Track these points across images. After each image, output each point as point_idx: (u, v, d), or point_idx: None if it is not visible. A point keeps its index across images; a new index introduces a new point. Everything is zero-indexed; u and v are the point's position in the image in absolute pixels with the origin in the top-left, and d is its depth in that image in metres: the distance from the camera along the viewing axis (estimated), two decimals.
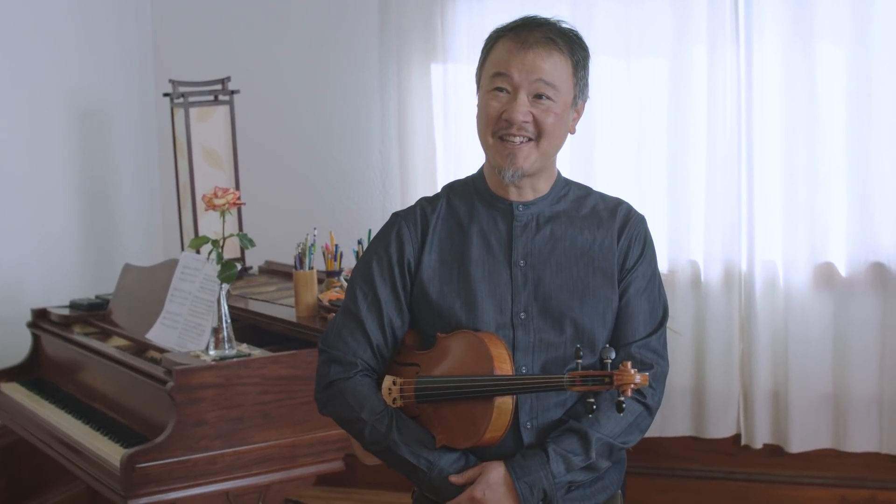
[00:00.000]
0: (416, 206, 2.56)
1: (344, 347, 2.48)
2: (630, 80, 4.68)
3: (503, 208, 2.48)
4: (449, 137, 4.88)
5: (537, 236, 2.46)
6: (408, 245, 2.49)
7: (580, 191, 2.55)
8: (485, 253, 2.46)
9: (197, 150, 4.77)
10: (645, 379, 2.18)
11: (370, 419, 2.41)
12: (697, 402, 4.67)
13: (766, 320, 4.51)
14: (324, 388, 2.49)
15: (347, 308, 2.52)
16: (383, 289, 2.48)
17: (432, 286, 2.46)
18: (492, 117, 2.40)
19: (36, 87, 4.81)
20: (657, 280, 2.54)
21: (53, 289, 4.80)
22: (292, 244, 4.01)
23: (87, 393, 4.01)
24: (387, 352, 2.51)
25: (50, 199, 4.90)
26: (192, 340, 3.69)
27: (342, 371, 2.46)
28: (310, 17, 5.27)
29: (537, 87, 2.37)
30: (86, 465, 3.57)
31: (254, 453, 3.43)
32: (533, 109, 2.37)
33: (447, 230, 2.50)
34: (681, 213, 4.62)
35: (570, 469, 2.35)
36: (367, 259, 2.54)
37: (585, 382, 2.21)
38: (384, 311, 2.48)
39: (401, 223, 2.53)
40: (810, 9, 4.35)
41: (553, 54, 2.38)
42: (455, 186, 2.59)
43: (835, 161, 4.42)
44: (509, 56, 2.38)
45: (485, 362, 2.32)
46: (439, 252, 2.48)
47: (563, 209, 2.50)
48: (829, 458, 4.55)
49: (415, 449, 2.38)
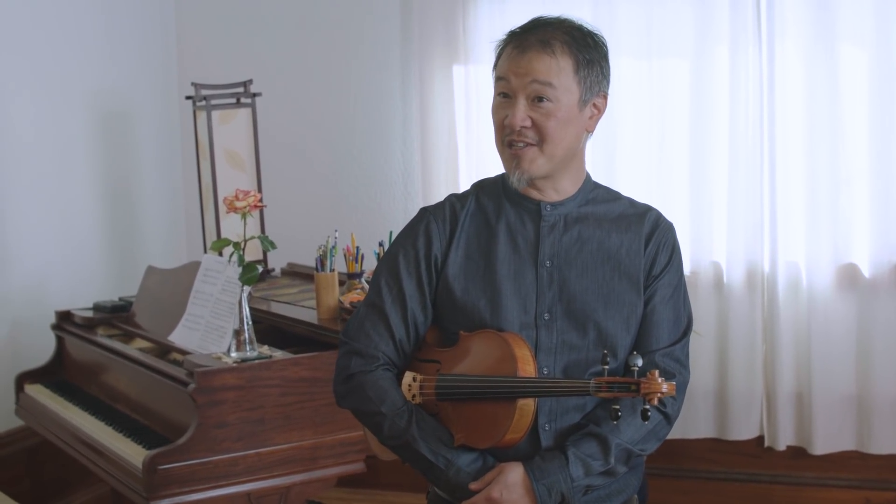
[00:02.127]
0: (446, 202, 2.55)
1: (366, 340, 2.47)
2: (652, 81, 4.67)
3: (531, 208, 2.47)
4: (471, 139, 4.88)
5: (564, 237, 2.45)
6: (436, 240, 2.48)
7: (609, 194, 2.54)
8: (511, 252, 2.45)
9: (219, 152, 4.79)
10: (672, 388, 2.18)
11: (390, 413, 2.40)
12: (720, 403, 4.65)
13: (788, 321, 4.49)
14: (344, 381, 2.48)
15: (371, 301, 2.51)
16: (408, 283, 2.47)
17: (457, 283, 2.45)
18: (497, 124, 2.41)
19: (59, 90, 4.83)
20: (683, 289, 2.52)
21: (77, 291, 4.82)
22: (314, 246, 4.01)
23: (110, 394, 4.03)
24: (409, 347, 2.50)
25: (73, 202, 4.92)
26: (213, 342, 3.70)
27: (363, 364, 2.45)
28: (332, 20, 5.28)
29: (533, 89, 2.35)
30: (108, 466, 3.59)
31: (275, 455, 3.44)
32: (532, 114, 2.36)
33: (475, 227, 2.50)
34: (703, 215, 4.60)
35: (589, 473, 2.34)
36: (393, 252, 2.53)
37: (612, 389, 2.21)
38: (408, 305, 2.47)
39: (429, 218, 2.52)
40: (833, 10, 4.33)
41: (548, 54, 2.36)
42: (484, 184, 2.58)
43: (857, 161, 4.40)
44: (509, 61, 2.39)
45: (509, 363, 2.31)
46: (466, 249, 2.48)
47: (592, 211, 2.48)
48: (853, 459, 4.52)
49: (433, 446, 2.37)
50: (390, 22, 5.17)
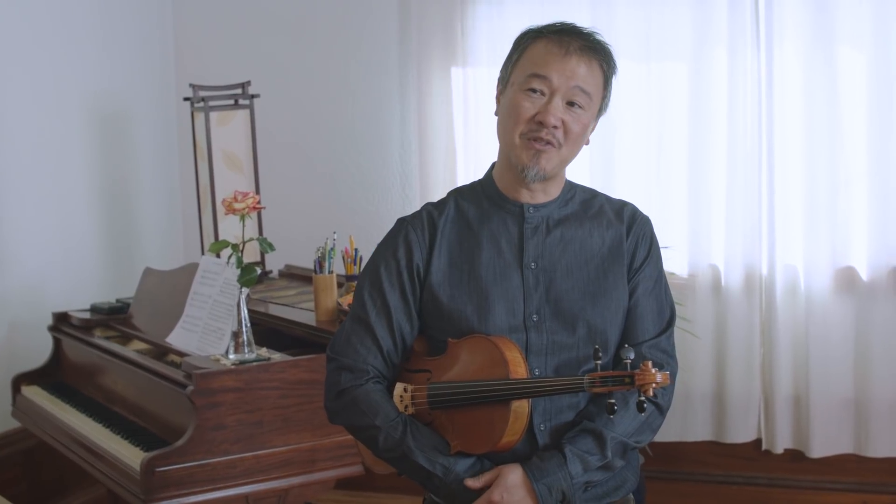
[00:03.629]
0: (423, 211, 2.55)
1: (354, 354, 2.46)
2: (650, 83, 4.67)
3: (514, 210, 2.47)
4: (469, 141, 4.87)
5: (548, 238, 2.45)
6: (416, 249, 2.48)
7: (585, 193, 2.55)
8: (496, 256, 2.44)
9: (217, 154, 4.78)
10: (666, 378, 2.18)
11: (384, 426, 2.39)
12: (718, 406, 4.65)
13: (787, 325, 4.49)
14: (335, 397, 2.47)
15: (356, 315, 2.50)
16: (392, 294, 2.46)
17: (442, 290, 2.44)
18: (523, 118, 2.39)
19: (57, 91, 4.83)
20: (664, 281, 2.54)
21: (74, 292, 4.81)
22: (313, 248, 4.00)
23: (108, 396, 4.02)
24: (397, 358, 2.49)
25: (71, 203, 4.92)
26: (212, 344, 3.70)
27: (353, 378, 2.45)
28: (330, 22, 5.28)
29: (573, 94, 2.37)
30: (106, 468, 3.58)
31: (273, 457, 3.44)
32: (565, 116, 2.37)
33: (456, 233, 2.49)
34: (701, 217, 4.60)
35: (587, 469, 2.35)
36: (374, 265, 2.52)
37: (605, 383, 2.21)
38: (394, 316, 2.46)
39: (408, 228, 2.52)
40: (831, 12, 4.34)
41: (592, 64, 2.39)
42: (462, 190, 2.58)
43: (856, 164, 4.41)
44: (550, 58, 2.38)
45: (499, 366, 2.30)
46: (449, 255, 2.47)
47: (572, 212, 2.50)
48: (851, 463, 4.53)
49: (430, 455, 2.36)
50: (388, 24, 5.16)
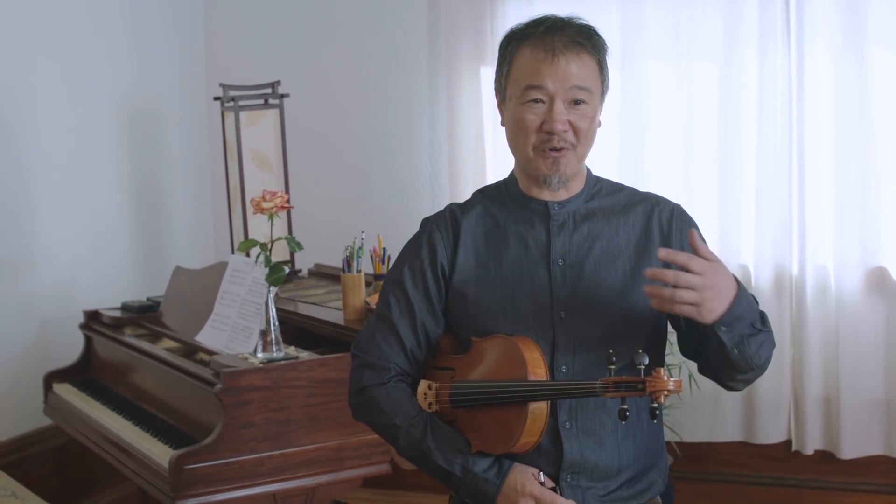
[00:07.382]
0: (446, 210, 2.55)
1: (377, 352, 2.46)
2: (680, 83, 4.66)
3: (538, 209, 2.45)
4: (498, 141, 4.87)
5: (575, 234, 2.42)
6: (440, 249, 2.47)
7: (612, 187, 2.52)
8: (522, 254, 2.43)
9: (247, 153, 4.80)
10: (678, 385, 2.15)
11: (404, 425, 2.40)
12: (748, 407, 4.64)
13: (817, 325, 4.47)
14: (356, 394, 2.48)
15: (380, 313, 2.50)
16: (415, 293, 2.46)
17: (468, 288, 2.43)
18: (531, 129, 2.37)
19: (88, 91, 4.86)
20: None
21: (105, 291, 4.84)
22: (342, 247, 4.00)
23: (137, 394, 4.05)
24: (421, 356, 2.49)
25: (102, 202, 4.95)
26: (240, 343, 3.71)
27: (375, 376, 2.45)
28: (360, 22, 5.29)
29: (572, 94, 2.34)
30: (135, 465, 3.60)
31: (301, 455, 3.44)
32: (569, 116, 2.34)
33: (482, 232, 2.48)
34: (731, 217, 4.59)
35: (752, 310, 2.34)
36: (399, 265, 2.52)
37: (618, 388, 2.18)
38: (417, 315, 2.46)
39: (432, 227, 2.51)
40: (862, 12, 4.31)
41: (583, 56, 2.35)
42: (487, 190, 2.58)
43: (887, 164, 4.38)
44: (539, 66, 2.35)
45: (518, 367, 2.29)
46: (475, 254, 2.46)
47: (598, 206, 2.46)
48: (882, 464, 4.50)
49: (449, 455, 2.36)
50: (418, 24, 5.17)
